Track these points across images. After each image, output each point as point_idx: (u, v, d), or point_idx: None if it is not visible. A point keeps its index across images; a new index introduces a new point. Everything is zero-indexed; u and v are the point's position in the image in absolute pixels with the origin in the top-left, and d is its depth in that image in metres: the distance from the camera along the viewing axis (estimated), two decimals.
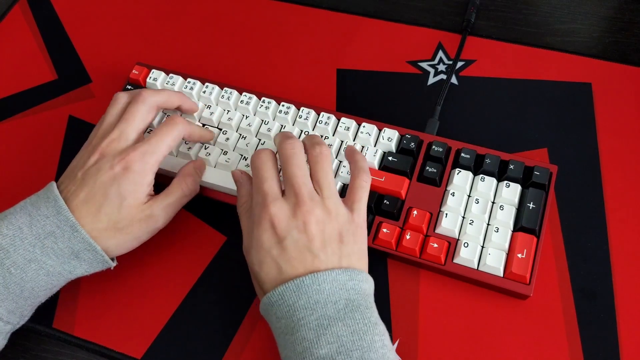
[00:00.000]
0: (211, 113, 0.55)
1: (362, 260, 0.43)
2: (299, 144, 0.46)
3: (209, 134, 0.53)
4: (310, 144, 0.46)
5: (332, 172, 0.45)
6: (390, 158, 0.51)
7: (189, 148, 0.53)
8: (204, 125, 0.54)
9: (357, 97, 0.60)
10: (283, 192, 0.44)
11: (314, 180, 0.44)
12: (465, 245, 0.47)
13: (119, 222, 0.44)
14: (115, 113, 0.48)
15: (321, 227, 0.42)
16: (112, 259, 0.46)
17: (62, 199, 0.43)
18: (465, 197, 0.50)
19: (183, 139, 0.53)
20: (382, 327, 0.41)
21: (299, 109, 0.55)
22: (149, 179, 0.45)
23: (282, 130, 0.54)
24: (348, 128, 0.53)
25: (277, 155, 0.46)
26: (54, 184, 0.45)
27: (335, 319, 0.39)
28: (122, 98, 0.49)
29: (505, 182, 0.50)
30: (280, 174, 0.46)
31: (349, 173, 0.50)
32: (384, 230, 0.48)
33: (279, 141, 0.46)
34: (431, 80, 0.61)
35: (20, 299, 0.43)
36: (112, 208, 0.44)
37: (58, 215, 0.42)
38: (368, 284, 0.42)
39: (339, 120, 0.54)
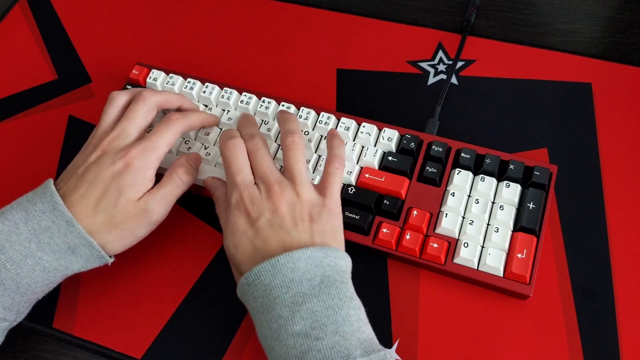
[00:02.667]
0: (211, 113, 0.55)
1: (336, 239, 0.44)
2: (259, 140, 0.47)
3: (212, 118, 0.53)
4: (284, 132, 0.48)
5: (304, 160, 0.46)
6: (390, 158, 0.51)
7: (189, 148, 0.53)
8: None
9: (357, 97, 0.60)
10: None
11: (286, 168, 0.46)
12: (465, 245, 0.47)
13: (115, 217, 0.44)
14: (113, 112, 0.48)
15: (291, 208, 0.43)
16: (110, 256, 0.46)
17: (58, 195, 0.43)
18: (465, 197, 0.50)
19: (183, 138, 0.53)
20: (357, 301, 0.41)
21: (299, 109, 0.55)
22: (150, 174, 0.46)
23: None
24: (348, 128, 0.53)
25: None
26: (50, 180, 0.45)
27: (310, 295, 0.39)
28: (119, 97, 0.49)
29: (505, 182, 0.50)
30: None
31: (348, 173, 0.50)
32: (384, 230, 0.48)
33: (242, 136, 0.48)
34: (431, 80, 0.61)
35: (16, 295, 0.43)
36: (110, 202, 0.44)
37: (54, 210, 0.42)
38: (345, 261, 0.43)
39: (339, 120, 0.54)
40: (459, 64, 0.61)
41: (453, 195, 0.49)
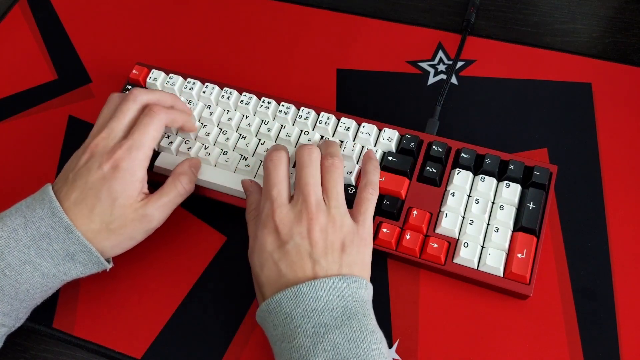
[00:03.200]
0: (211, 113, 0.55)
1: (364, 271, 0.43)
2: (316, 153, 0.46)
3: (192, 124, 0.52)
4: (325, 153, 0.47)
5: (341, 183, 0.46)
6: (390, 158, 0.51)
7: (189, 148, 0.53)
8: (204, 125, 0.54)
9: (357, 97, 0.60)
10: (291, 198, 0.45)
11: (323, 189, 0.45)
12: (465, 245, 0.47)
13: (112, 223, 0.44)
14: (108, 113, 0.48)
15: (324, 235, 0.42)
16: (108, 260, 0.46)
17: (56, 201, 0.43)
18: (465, 197, 0.50)
19: (178, 134, 0.53)
20: (379, 334, 0.41)
21: (299, 109, 0.55)
22: (140, 175, 0.45)
23: (282, 130, 0.54)
24: (348, 128, 0.53)
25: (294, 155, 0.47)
26: (49, 185, 0.44)
27: (332, 326, 0.39)
28: (116, 98, 0.49)
29: (505, 182, 0.50)
30: (293, 176, 0.46)
31: (349, 173, 0.50)
32: (384, 230, 0.48)
33: (298, 147, 0.47)
34: (431, 80, 0.61)
35: (15, 301, 0.42)
36: (105, 209, 0.43)
37: (53, 216, 0.42)
38: (367, 291, 0.42)
39: (339, 120, 0.54)
40: (459, 64, 0.61)
41: (453, 195, 0.49)
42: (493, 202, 0.50)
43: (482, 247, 0.48)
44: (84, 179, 0.44)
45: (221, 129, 0.54)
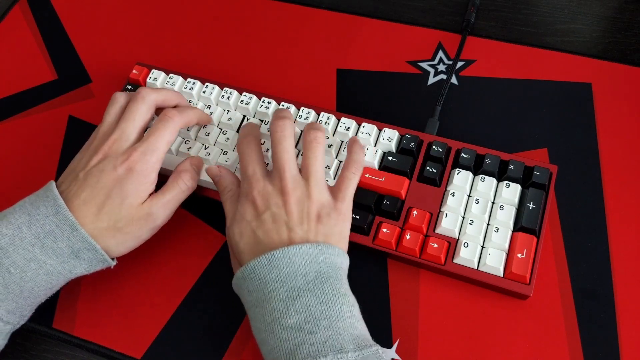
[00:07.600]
0: (211, 113, 0.55)
1: (341, 242, 0.44)
2: (289, 126, 0.47)
3: (207, 116, 0.53)
4: (308, 128, 0.48)
5: (322, 159, 0.46)
6: (390, 158, 0.51)
7: (189, 148, 0.53)
8: (204, 125, 0.54)
9: (357, 97, 0.60)
10: (270, 173, 0.46)
11: (303, 165, 0.46)
12: (465, 245, 0.47)
13: (119, 221, 0.44)
14: (114, 113, 0.48)
15: (300, 206, 0.43)
16: (112, 259, 0.46)
17: (61, 198, 0.43)
18: (465, 197, 0.50)
19: (183, 138, 0.53)
20: (351, 298, 0.41)
21: (299, 109, 0.55)
22: (152, 177, 0.46)
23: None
24: (348, 128, 0.53)
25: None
26: (53, 183, 0.45)
27: (304, 290, 0.40)
28: (120, 97, 0.49)
29: (505, 182, 0.50)
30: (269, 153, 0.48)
31: None
32: (384, 230, 0.48)
33: (271, 121, 0.48)
34: (431, 80, 0.61)
35: (20, 299, 0.43)
36: (114, 207, 0.44)
37: (57, 214, 0.42)
38: (341, 259, 0.43)
39: (339, 120, 0.54)
40: (459, 64, 0.61)
41: (453, 195, 0.49)
42: (493, 202, 0.50)
43: (482, 247, 0.48)
44: (95, 179, 0.44)
45: (221, 129, 0.54)
